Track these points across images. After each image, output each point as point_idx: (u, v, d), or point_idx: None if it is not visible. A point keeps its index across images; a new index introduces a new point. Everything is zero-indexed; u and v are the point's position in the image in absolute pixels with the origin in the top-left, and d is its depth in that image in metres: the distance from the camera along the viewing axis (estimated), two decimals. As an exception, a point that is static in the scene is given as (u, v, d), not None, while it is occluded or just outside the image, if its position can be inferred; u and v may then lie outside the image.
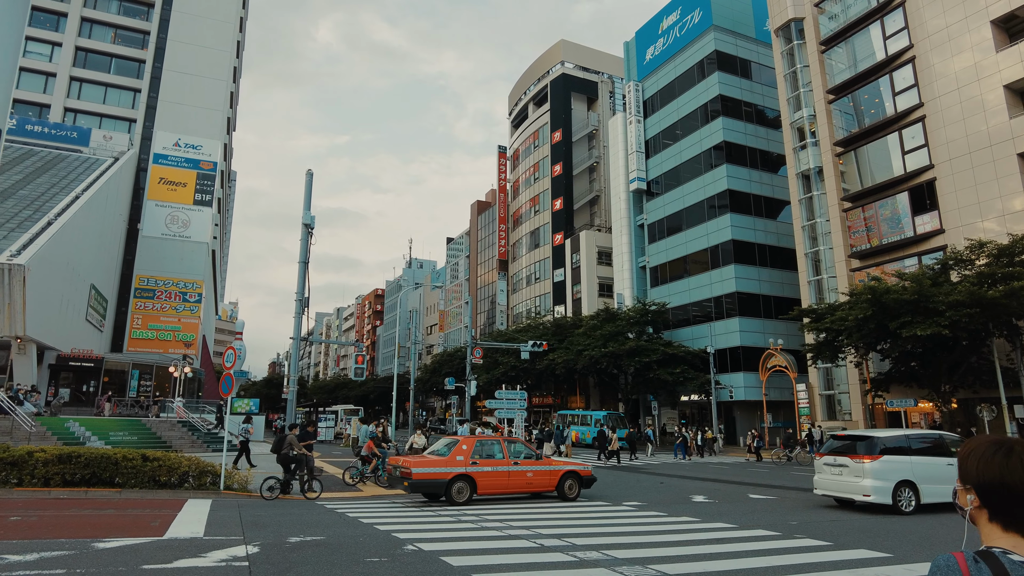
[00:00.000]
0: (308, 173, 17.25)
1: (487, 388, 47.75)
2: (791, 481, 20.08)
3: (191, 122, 49.99)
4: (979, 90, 28.77)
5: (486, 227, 78.78)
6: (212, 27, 53.45)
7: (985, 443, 1.66)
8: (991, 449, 1.62)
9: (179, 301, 45.12)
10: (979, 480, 1.59)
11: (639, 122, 51.69)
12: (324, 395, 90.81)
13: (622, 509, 13.51)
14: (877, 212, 32.42)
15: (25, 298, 25.86)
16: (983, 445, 1.65)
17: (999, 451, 1.60)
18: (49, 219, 30.80)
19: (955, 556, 1.49)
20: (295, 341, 16.48)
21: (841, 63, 35.53)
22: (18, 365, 29.21)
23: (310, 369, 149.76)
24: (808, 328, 31.00)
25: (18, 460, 13.52)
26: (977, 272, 24.42)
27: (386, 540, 9.21)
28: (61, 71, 49.79)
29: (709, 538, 9.97)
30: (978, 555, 1.48)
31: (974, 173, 28.55)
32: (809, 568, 7.85)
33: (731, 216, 42.53)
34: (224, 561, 7.49)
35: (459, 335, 74.34)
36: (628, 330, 44.17)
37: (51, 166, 41.17)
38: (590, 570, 7.49)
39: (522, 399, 23.28)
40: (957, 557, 1.49)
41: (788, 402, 38.16)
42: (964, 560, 1.47)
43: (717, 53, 45.37)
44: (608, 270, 55.47)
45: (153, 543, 8.37)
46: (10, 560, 7.12)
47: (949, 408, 26.99)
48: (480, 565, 7.62)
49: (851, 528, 11.11)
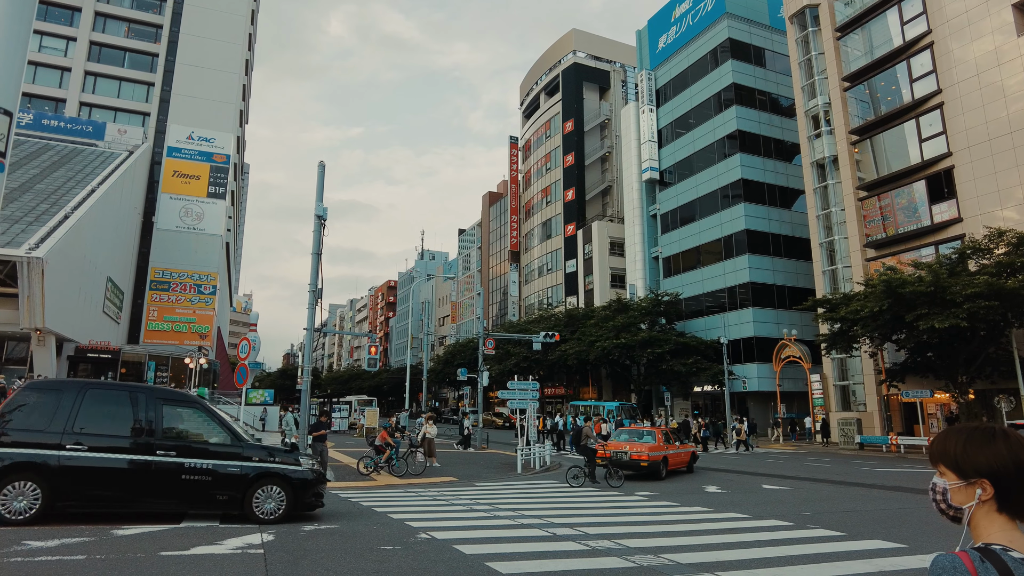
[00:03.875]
0: (320, 165, 17.28)
1: (499, 379, 47.86)
2: (806, 472, 19.99)
3: (204, 115, 50.26)
4: (999, 76, 28.24)
5: (498, 218, 78.72)
6: (224, 20, 53.61)
7: (976, 431, 1.58)
8: (987, 436, 1.56)
9: (194, 293, 45.57)
10: (991, 469, 1.52)
11: (652, 111, 51.28)
12: (338, 386, 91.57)
13: (634, 499, 13.51)
14: (893, 201, 32.00)
15: (44, 291, 26.23)
16: (977, 433, 1.58)
17: (996, 437, 1.55)
18: (66, 212, 31.16)
19: (960, 556, 1.44)
20: (308, 332, 16.59)
21: (857, 50, 35.00)
22: (38, 357, 29.67)
23: (324, 360, 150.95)
24: (822, 318, 30.74)
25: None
26: (996, 262, 24.07)
27: (399, 529, 9.29)
28: (76, 66, 50.23)
29: (722, 528, 9.95)
30: (982, 554, 1.43)
31: (993, 160, 28.08)
32: (822, 558, 7.82)
33: (745, 206, 42.17)
34: (240, 549, 7.59)
35: (471, 326, 74.51)
36: (640, 321, 44.03)
37: (67, 160, 41.61)
38: (602, 559, 7.51)
39: (534, 389, 23.28)
40: (962, 557, 1.43)
41: (802, 393, 37.94)
42: (970, 560, 1.41)
43: (730, 41, 44.84)
44: (620, 261, 55.27)
45: (170, 530, 8.50)
46: (32, 546, 7.27)
47: (966, 399, 26.70)
48: (493, 553, 7.67)
49: (866, 519, 11.04)
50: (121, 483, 8.62)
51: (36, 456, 8.24)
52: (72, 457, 8.39)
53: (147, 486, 8.75)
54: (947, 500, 1.59)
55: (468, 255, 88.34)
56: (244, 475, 9.13)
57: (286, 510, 9.31)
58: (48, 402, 8.66)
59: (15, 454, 8.18)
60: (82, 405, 8.71)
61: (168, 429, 9.09)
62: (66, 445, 8.40)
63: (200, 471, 8.93)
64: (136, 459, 8.67)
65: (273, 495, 9.27)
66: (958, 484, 1.57)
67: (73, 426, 8.54)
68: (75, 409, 8.64)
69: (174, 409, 9.40)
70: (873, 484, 16.52)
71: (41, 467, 8.22)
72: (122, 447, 8.70)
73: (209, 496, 9.00)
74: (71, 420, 8.56)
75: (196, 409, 9.59)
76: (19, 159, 39.46)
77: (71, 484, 8.38)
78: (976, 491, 1.54)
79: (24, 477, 8.13)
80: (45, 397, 8.76)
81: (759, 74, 45.37)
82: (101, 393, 9.20)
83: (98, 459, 8.52)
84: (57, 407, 8.59)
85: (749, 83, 44.74)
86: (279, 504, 9.28)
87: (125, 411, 8.98)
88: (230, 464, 9.11)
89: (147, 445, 8.77)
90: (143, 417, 8.97)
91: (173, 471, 8.79)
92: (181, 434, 9.22)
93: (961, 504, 1.56)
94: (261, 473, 9.24)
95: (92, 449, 8.52)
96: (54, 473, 8.26)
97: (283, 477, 9.39)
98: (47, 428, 8.43)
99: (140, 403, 9.07)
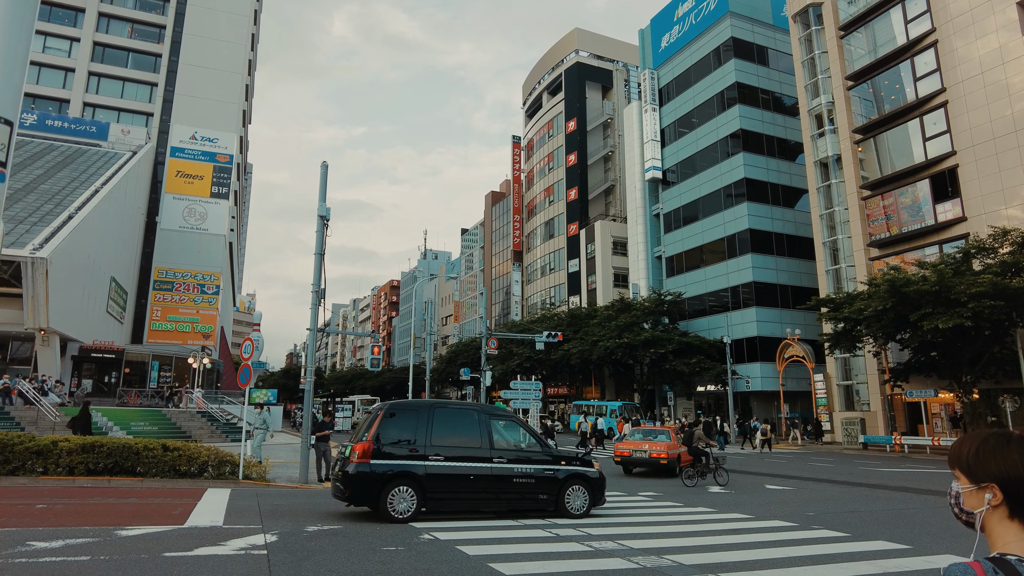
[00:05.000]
0: (323, 165, 17.30)
1: (502, 379, 47.86)
2: (809, 472, 19.95)
3: (207, 115, 50.36)
4: (1004, 74, 28.13)
5: (500, 218, 78.70)
6: (227, 20, 53.71)
7: (991, 437, 1.58)
8: (1001, 441, 1.55)
9: (197, 293, 45.67)
10: (1002, 473, 1.50)
11: (654, 110, 51.22)
12: (341, 385, 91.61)
13: (637, 500, 13.50)
14: (897, 200, 31.91)
15: (48, 291, 26.32)
16: (991, 439, 1.57)
17: (1011, 442, 1.54)
18: (70, 213, 31.26)
19: (972, 566, 1.40)
20: (311, 332, 16.60)
21: (860, 48, 34.90)
22: (42, 357, 29.79)
23: (327, 360, 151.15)
24: (826, 318, 30.67)
25: (43, 449, 13.79)
26: (1000, 261, 23.97)
27: (403, 530, 9.29)
28: (80, 66, 50.37)
29: (725, 528, 9.94)
30: (995, 564, 1.40)
31: (998, 159, 27.97)
32: (826, 560, 7.80)
33: (748, 205, 42.10)
34: (243, 549, 7.60)
35: (474, 326, 74.51)
36: (643, 320, 43.99)
37: (71, 160, 41.73)
38: (605, 560, 7.50)
39: (537, 389, 23.33)
40: (974, 567, 1.40)
41: (806, 392, 37.86)
42: (983, 570, 1.38)
43: (733, 40, 44.76)
44: (623, 260, 55.23)
45: (174, 531, 8.52)
46: (37, 547, 7.29)
47: (970, 399, 26.61)
48: (496, 555, 7.66)
49: (870, 519, 11.02)
50: (469, 486, 10.07)
51: (409, 466, 9.72)
52: (434, 466, 9.85)
53: (488, 488, 10.19)
54: (960, 504, 1.59)
55: (471, 255, 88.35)
56: (557, 477, 10.54)
57: (588, 506, 10.59)
58: (407, 421, 10.07)
59: (395, 465, 9.67)
60: (432, 422, 10.12)
61: (497, 440, 10.52)
62: (428, 456, 9.86)
63: (526, 475, 10.38)
64: (480, 467, 10.13)
65: (579, 493, 10.57)
66: (969, 488, 1.56)
67: (431, 440, 9.97)
68: (429, 426, 10.07)
69: (498, 423, 10.80)
70: (877, 484, 16.47)
71: (414, 475, 9.70)
72: (467, 456, 10.12)
73: (533, 496, 10.42)
74: (428, 435, 9.99)
75: (513, 423, 11.17)
76: (23, 160, 39.56)
77: (433, 488, 9.83)
78: (986, 496, 1.53)
79: (403, 483, 9.63)
80: (404, 417, 10.14)
81: (762, 73, 45.28)
82: (444, 412, 10.51)
83: (452, 467, 9.98)
84: (416, 425, 10.02)
85: (752, 82, 44.65)
86: (584, 501, 10.56)
87: (465, 426, 10.43)
88: (546, 468, 10.54)
89: (486, 455, 10.22)
90: (479, 431, 10.39)
91: (507, 476, 10.26)
92: (507, 444, 10.67)
93: (972, 508, 1.55)
94: (570, 475, 10.64)
95: (447, 459, 9.97)
96: (422, 479, 9.73)
97: (584, 478, 10.70)
98: (413, 443, 9.89)
99: (475, 419, 10.52)
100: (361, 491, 9.56)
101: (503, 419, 11.07)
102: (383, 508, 9.51)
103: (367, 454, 9.65)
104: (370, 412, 10.84)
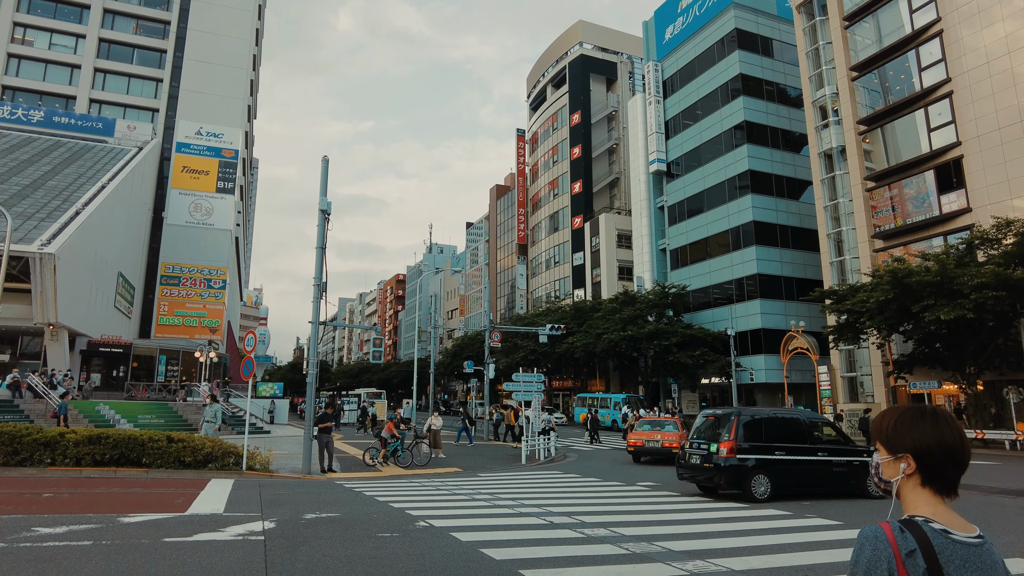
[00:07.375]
0: (324, 160, 17.44)
1: (507, 372, 48.07)
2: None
3: (212, 111, 50.61)
4: (1010, 63, 27.90)
5: (505, 211, 78.69)
6: (231, 16, 53.88)
7: (908, 411, 1.69)
8: (916, 415, 1.67)
9: (204, 288, 46.01)
10: (916, 445, 1.63)
11: (659, 103, 51.05)
12: (347, 379, 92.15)
13: (635, 489, 13.62)
14: (902, 191, 31.75)
15: (56, 286, 26.63)
16: (908, 413, 1.69)
17: (926, 416, 1.66)
18: (77, 208, 31.56)
19: (882, 526, 1.55)
20: (314, 325, 16.77)
21: (865, 39, 34.65)
22: (51, 351, 30.15)
23: (334, 354, 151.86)
24: (829, 310, 30.61)
25: (51, 441, 14.06)
26: (1004, 252, 23.85)
27: (399, 517, 9.45)
28: (85, 63, 50.68)
29: (718, 516, 10.05)
30: (903, 524, 1.54)
31: (1003, 150, 27.78)
32: (817, 546, 7.89)
33: (752, 197, 41.97)
34: (241, 535, 7.78)
35: (479, 319, 74.68)
36: (648, 313, 44.01)
37: (78, 157, 42.07)
38: (596, 546, 7.63)
39: (539, 381, 23.42)
40: (883, 527, 1.54)
41: (810, 384, 37.81)
42: (891, 529, 1.53)
43: (737, 31, 44.51)
44: (628, 253, 55.19)
45: (175, 518, 8.71)
46: (41, 532, 7.49)
47: (974, 390, 26.54)
48: (488, 540, 7.80)
49: (863, 509, 11.11)
50: (802, 474, 12.29)
51: (763, 460, 11.94)
52: (779, 460, 12.10)
53: (816, 475, 12.37)
54: (879, 475, 1.72)
55: (476, 248, 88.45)
56: (864, 464, 12.57)
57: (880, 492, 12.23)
58: (753, 424, 12.31)
59: (753, 459, 11.88)
60: (766, 425, 12.44)
61: (816, 437, 12.85)
62: (775, 451, 12.10)
63: (841, 464, 12.56)
64: (809, 459, 12.35)
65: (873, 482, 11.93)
66: (888, 459, 1.69)
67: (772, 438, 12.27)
68: (765, 428, 12.40)
69: (815, 424, 13.23)
70: (876, 475, 16.50)
71: (767, 466, 11.94)
72: (799, 449, 12.34)
73: (845, 481, 12.56)
74: (768, 434, 12.29)
75: (824, 423, 13.60)
76: (30, 156, 39.97)
77: (779, 475, 12.02)
78: (901, 465, 1.65)
79: (760, 472, 11.87)
80: (752, 421, 12.36)
81: (766, 64, 45.03)
82: (775, 419, 12.87)
83: (791, 460, 12.19)
84: (759, 426, 12.33)
85: (756, 73, 44.41)
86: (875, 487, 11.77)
87: (792, 427, 12.73)
88: (852, 459, 12.65)
89: (812, 448, 12.51)
90: (805, 430, 12.72)
91: (828, 464, 12.50)
92: (823, 440, 12.93)
93: (889, 478, 1.67)
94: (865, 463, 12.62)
95: (787, 452, 12.20)
96: (772, 469, 11.97)
97: None
98: (760, 441, 12.12)
99: (800, 422, 12.89)
100: (734, 479, 11.76)
101: (817, 420, 13.60)
102: (747, 491, 11.71)
103: (734, 451, 11.85)
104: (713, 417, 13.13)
